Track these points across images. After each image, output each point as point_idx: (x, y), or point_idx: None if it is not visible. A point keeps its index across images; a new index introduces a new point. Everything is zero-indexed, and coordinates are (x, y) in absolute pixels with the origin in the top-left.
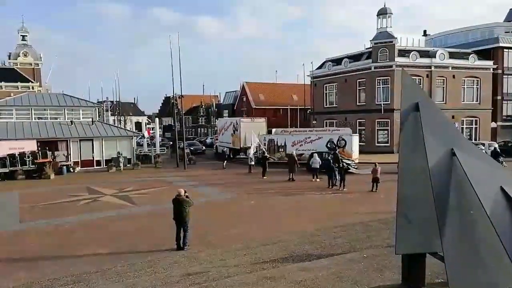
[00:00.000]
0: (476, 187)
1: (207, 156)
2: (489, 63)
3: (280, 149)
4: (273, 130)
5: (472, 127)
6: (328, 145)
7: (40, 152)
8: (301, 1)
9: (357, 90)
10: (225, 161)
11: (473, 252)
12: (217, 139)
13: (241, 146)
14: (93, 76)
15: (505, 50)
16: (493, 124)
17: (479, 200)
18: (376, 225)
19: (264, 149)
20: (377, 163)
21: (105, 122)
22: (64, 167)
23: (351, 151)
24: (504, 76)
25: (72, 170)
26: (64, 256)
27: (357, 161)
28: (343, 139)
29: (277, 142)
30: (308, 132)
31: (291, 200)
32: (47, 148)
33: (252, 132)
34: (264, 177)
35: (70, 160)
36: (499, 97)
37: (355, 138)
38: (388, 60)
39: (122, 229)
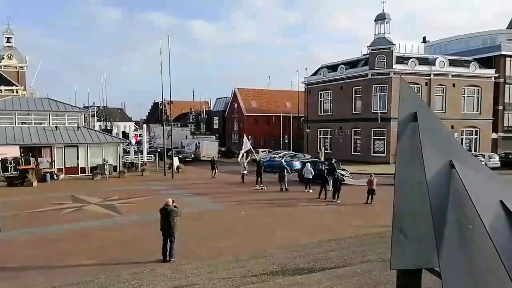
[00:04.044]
0: (475, 201)
1: (196, 164)
2: (491, 71)
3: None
4: (188, 136)
5: (472, 138)
6: (194, 147)
7: (22, 159)
8: (300, 6)
9: (353, 98)
10: (214, 171)
11: (470, 268)
12: (155, 142)
13: (173, 147)
14: (80, 81)
15: (507, 58)
16: (494, 135)
17: (478, 214)
18: (370, 238)
19: (256, 155)
20: (372, 174)
21: (91, 128)
22: (48, 174)
23: (201, 151)
24: (506, 85)
25: (56, 178)
26: (47, 267)
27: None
28: (199, 142)
29: (182, 143)
30: (197, 138)
31: (283, 211)
32: (30, 154)
33: (245, 137)
34: (256, 186)
35: (54, 167)
36: (500, 107)
37: (209, 143)
38: (385, 67)
39: (107, 239)
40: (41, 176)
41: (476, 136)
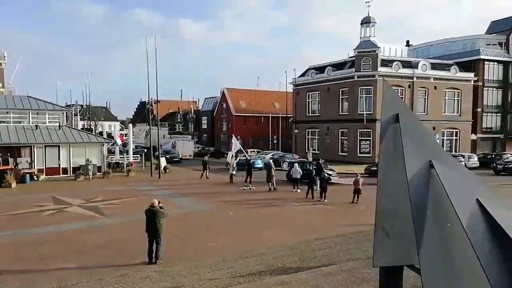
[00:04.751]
0: (453, 200)
1: (184, 164)
2: (470, 75)
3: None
4: (166, 135)
5: (452, 139)
6: (170, 147)
7: (0, 159)
8: (287, 7)
9: (340, 99)
10: (205, 171)
11: (448, 265)
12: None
13: (151, 145)
14: (63, 79)
15: (485, 62)
16: (473, 136)
17: (455, 213)
18: (356, 237)
19: (246, 155)
20: (359, 174)
21: (73, 127)
22: (27, 175)
23: (178, 149)
24: (485, 88)
25: (36, 178)
26: (27, 271)
27: (189, 156)
28: (176, 142)
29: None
30: (173, 137)
31: (271, 211)
32: (8, 154)
33: (233, 137)
34: (245, 185)
35: (34, 168)
36: (479, 109)
37: (185, 142)
38: (371, 70)
39: (90, 242)
40: (20, 177)
41: (456, 137)
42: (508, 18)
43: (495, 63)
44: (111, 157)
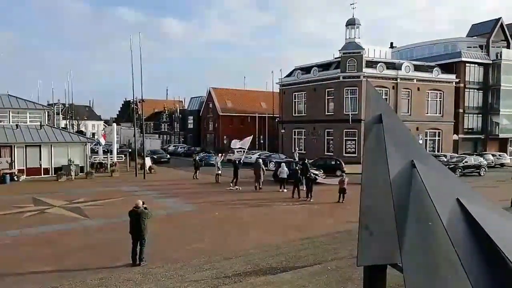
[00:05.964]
0: (434, 199)
1: (171, 164)
2: (452, 76)
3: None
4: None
5: (435, 139)
6: (139, 145)
7: None
8: (272, 7)
9: (326, 100)
10: (196, 172)
11: (430, 264)
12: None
13: (136, 145)
14: (44, 77)
15: (467, 64)
16: (455, 137)
17: (436, 212)
18: (342, 236)
19: (231, 156)
20: (344, 174)
21: (55, 126)
22: (7, 175)
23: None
24: (466, 90)
25: (16, 179)
26: (5, 274)
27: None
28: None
29: (129, 141)
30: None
31: (258, 211)
32: None
33: (250, 137)
34: (231, 186)
35: (15, 168)
36: (460, 110)
37: (152, 141)
38: (356, 71)
39: (72, 244)
40: (0, 177)
41: (439, 138)
42: (488, 22)
43: (476, 65)
44: (94, 157)
